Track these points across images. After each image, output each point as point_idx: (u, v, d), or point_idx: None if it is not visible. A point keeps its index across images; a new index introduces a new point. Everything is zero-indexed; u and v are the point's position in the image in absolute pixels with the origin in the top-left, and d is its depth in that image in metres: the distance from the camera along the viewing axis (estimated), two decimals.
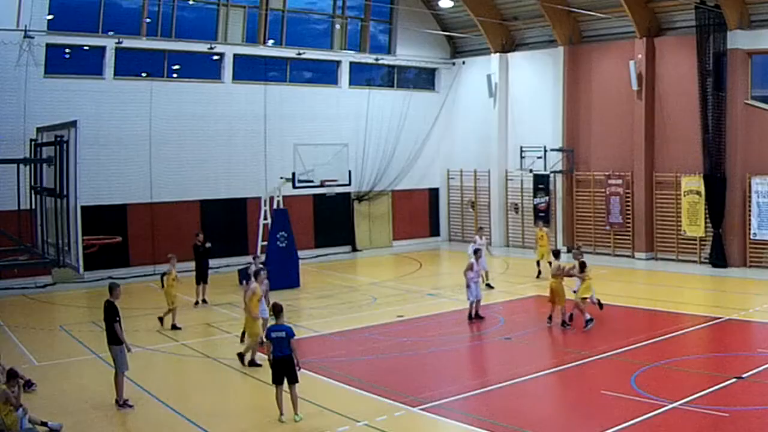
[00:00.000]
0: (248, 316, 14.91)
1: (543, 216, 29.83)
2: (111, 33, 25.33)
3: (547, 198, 30.21)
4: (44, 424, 11.38)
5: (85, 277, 17.51)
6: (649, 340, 15.92)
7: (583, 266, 17.51)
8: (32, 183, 13.07)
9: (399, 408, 12.14)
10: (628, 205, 27.57)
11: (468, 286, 18.30)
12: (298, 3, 30.09)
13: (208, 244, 21.65)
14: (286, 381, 11.83)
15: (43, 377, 14.02)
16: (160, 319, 18.32)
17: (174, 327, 18.06)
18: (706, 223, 25.26)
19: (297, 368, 11.88)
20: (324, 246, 30.52)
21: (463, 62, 33.59)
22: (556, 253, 19.14)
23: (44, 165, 11.91)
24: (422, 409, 12.09)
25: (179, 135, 26.75)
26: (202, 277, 21.26)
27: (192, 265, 21.58)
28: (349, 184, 26.70)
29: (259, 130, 28.62)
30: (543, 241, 24.81)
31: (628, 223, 27.64)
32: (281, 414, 11.77)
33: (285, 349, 11.82)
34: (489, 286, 22.22)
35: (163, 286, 18.32)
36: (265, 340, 12.14)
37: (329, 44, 30.87)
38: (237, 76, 28.32)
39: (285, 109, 29.14)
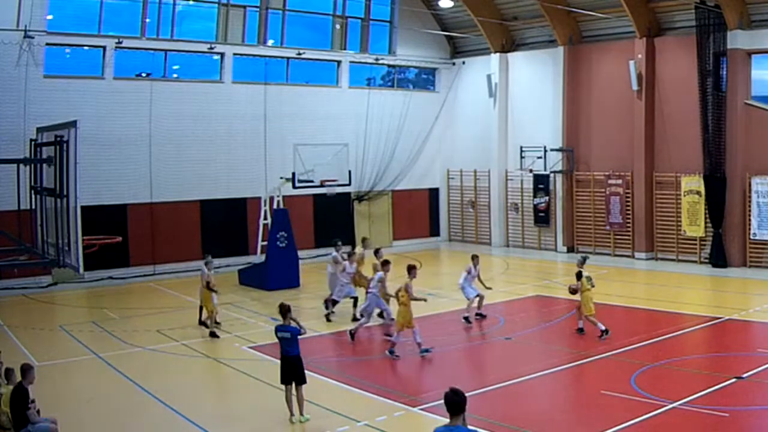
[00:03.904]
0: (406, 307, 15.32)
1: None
2: (111, 33, 25.33)
3: (547, 198, 30.21)
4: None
5: (85, 277, 17.44)
6: (649, 340, 15.91)
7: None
8: (32, 183, 13.07)
9: (399, 408, 12.14)
10: (628, 205, 27.56)
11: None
12: (298, 3, 30.09)
13: None
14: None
15: (43, 377, 14.00)
16: None
17: None
18: (706, 223, 25.25)
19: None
20: (324, 246, 30.37)
21: (463, 62, 33.58)
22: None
23: (44, 165, 11.90)
24: (422, 409, 12.07)
25: (179, 135, 26.71)
26: None
27: (191, 265, 21.58)
28: (349, 184, 26.74)
29: (259, 130, 28.58)
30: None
31: (628, 223, 27.63)
32: (291, 414, 11.74)
33: (292, 348, 11.81)
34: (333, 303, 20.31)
35: None
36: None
37: (329, 44, 30.86)
38: (237, 76, 28.29)
39: (285, 109, 29.10)
